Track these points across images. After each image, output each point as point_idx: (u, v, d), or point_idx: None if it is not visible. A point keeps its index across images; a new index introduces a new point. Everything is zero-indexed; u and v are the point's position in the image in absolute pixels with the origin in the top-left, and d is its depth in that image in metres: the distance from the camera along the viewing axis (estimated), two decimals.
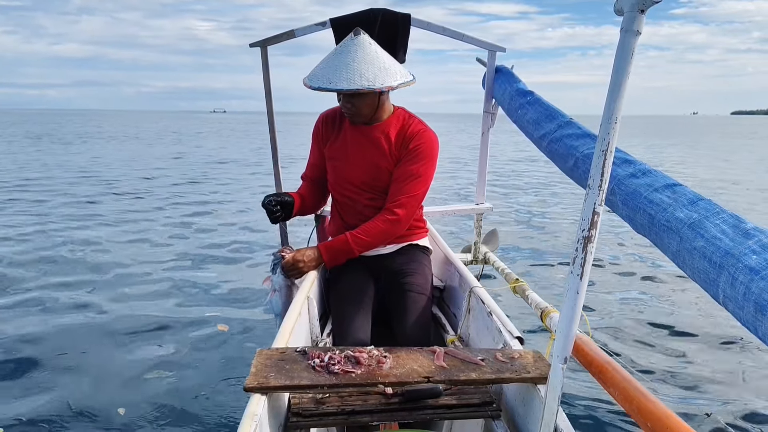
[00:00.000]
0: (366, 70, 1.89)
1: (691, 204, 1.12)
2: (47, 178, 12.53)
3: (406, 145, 2.08)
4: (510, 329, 1.67)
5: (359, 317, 2.02)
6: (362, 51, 1.93)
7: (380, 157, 2.10)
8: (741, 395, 3.21)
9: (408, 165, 2.07)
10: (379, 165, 2.10)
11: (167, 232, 7.33)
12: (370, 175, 2.12)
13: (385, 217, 2.08)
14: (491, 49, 2.63)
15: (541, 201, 10.46)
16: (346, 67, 1.89)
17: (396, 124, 2.11)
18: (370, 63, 1.91)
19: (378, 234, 2.08)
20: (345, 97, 1.99)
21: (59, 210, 8.74)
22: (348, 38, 1.98)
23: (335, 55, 1.95)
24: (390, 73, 1.93)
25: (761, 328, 0.86)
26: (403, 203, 2.07)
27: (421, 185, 2.10)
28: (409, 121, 2.13)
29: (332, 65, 1.92)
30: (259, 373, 1.35)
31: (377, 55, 1.95)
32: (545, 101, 2.06)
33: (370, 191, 2.15)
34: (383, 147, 2.09)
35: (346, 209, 2.23)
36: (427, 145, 2.09)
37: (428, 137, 2.11)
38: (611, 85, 0.94)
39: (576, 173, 1.62)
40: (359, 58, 1.91)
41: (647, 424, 1.07)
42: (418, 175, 2.08)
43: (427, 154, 2.09)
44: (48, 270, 5.49)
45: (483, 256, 3.02)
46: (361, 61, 1.91)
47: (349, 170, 2.15)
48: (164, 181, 12.56)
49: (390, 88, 1.94)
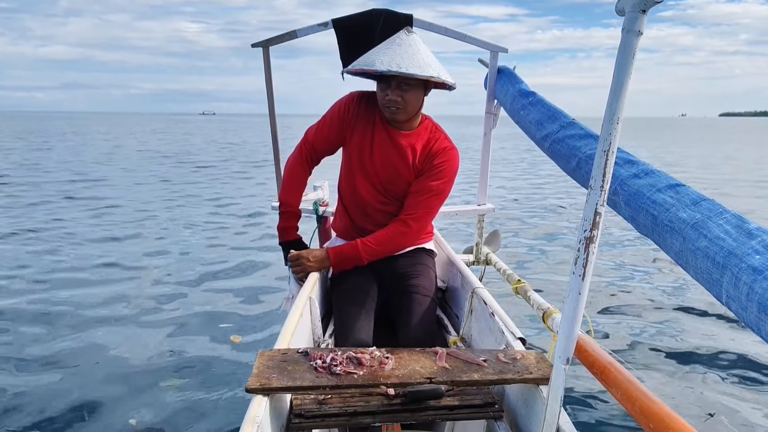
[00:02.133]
0: (431, 61, 1.92)
1: (694, 204, 1.12)
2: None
3: (431, 160, 2.08)
4: (512, 330, 1.67)
5: (361, 318, 2.02)
6: (423, 46, 1.97)
7: (403, 166, 2.09)
8: (744, 394, 3.20)
9: (430, 180, 2.08)
10: (399, 172, 2.10)
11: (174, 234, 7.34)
12: (389, 179, 2.11)
13: (398, 228, 2.08)
14: (493, 49, 2.62)
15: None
16: (411, 56, 1.89)
17: (424, 135, 2.11)
18: (428, 57, 1.94)
19: (388, 244, 2.09)
20: (396, 89, 1.93)
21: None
22: (403, 33, 2.00)
23: (393, 45, 1.94)
24: (443, 71, 1.95)
25: (764, 328, 0.86)
26: (419, 217, 2.09)
27: (438, 201, 2.12)
28: (435, 134, 2.13)
29: (397, 53, 1.90)
30: (261, 374, 1.35)
31: (429, 53, 1.98)
32: (548, 102, 2.06)
33: (384, 194, 2.14)
34: (408, 156, 2.09)
35: (355, 209, 2.21)
36: (451, 164, 2.10)
37: (453, 156, 2.11)
38: (613, 85, 0.93)
39: (578, 174, 1.62)
40: (421, 51, 1.94)
41: (650, 425, 1.06)
42: (438, 192, 2.09)
43: (449, 172, 2.10)
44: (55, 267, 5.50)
45: (485, 257, 3.02)
46: (425, 53, 1.94)
47: (370, 168, 2.12)
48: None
49: (452, 85, 1.97)
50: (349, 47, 2.53)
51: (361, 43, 2.51)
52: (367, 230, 2.15)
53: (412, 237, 2.13)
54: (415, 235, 2.13)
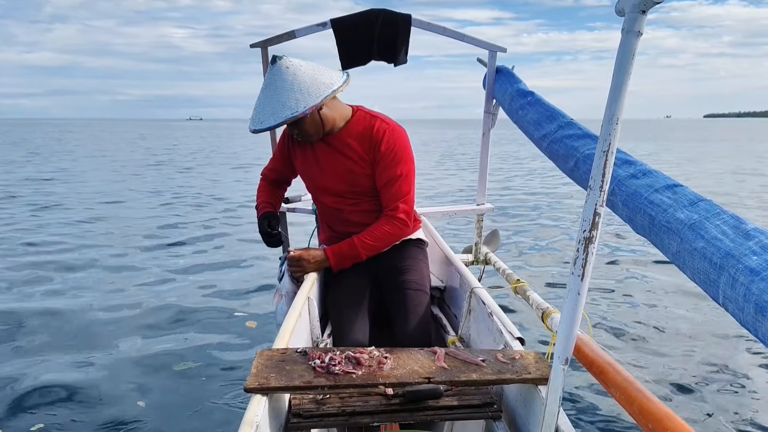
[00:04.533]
0: (287, 98, 1.85)
1: (691, 205, 1.12)
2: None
3: (377, 147, 2.04)
4: (511, 330, 1.67)
5: (357, 319, 2.02)
6: (280, 79, 1.88)
7: (352, 164, 2.08)
8: (742, 395, 3.21)
9: (388, 169, 2.06)
10: (353, 171, 2.09)
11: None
12: (347, 182, 2.11)
13: (390, 221, 2.08)
14: (492, 49, 2.62)
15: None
16: (270, 101, 1.88)
17: (359, 125, 2.08)
18: (289, 89, 1.86)
19: (384, 237, 2.10)
20: (291, 128, 1.98)
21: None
22: (268, 70, 1.94)
23: (261, 90, 1.94)
24: (311, 93, 1.86)
25: (761, 329, 0.86)
26: (400, 207, 2.08)
27: (407, 183, 2.10)
28: (371, 121, 2.08)
29: (260, 103, 1.91)
30: (260, 373, 1.35)
31: (295, 78, 1.88)
32: (546, 102, 2.06)
33: (351, 197, 2.14)
34: (352, 153, 2.07)
35: (331, 218, 2.24)
36: (398, 143, 2.07)
37: (396, 135, 2.07)
38: (612, 85, 0.93)
39: (577, 174, 1.62)
40: (279, 88, 1.87)
41: (648, 426, 1.06)
42: (403, 175, 2.07)
43: (400, 152, 2.07)
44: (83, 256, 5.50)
45: (484, 257, 3.02)
46: (281, 90, 1.87)
47: (326, 181, 2.14)
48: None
49: (315, 108, 1.87)
50: (348, 47, 2.53)
51: (360, 43, 2.51)
52: (349, 233, 2.14)
53: (407, 227, 2.14)
54: (405, 224, 2.13)
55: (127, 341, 3.81)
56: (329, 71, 1.98)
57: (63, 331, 4.01)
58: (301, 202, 2.91)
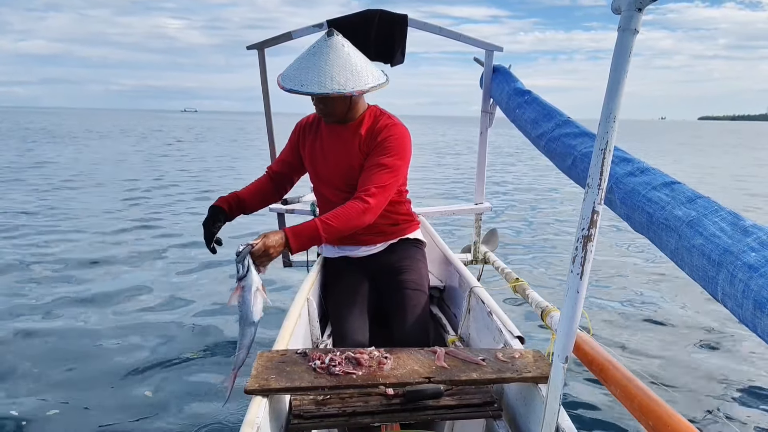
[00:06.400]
0: (338, 74, 1.86)
1: (689, 202, 1.12)
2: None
3: (375, 137, 2.05)
4: (510, 329, 1.67)
5: (357, 319, 2.02)
6: (335, 53, 1.88)
7: (353, 157, 2.07)
8: (742, 392, 3.21)
9: (377, 156, 2.03)
10: (352, 164, 2.08)
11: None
12: (345, 173, 2.10)
13: (355, 204, 1.96)
14: (488, 48, 2.63)
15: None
16: (318, 69, 1.86)
17: (368, 121, 2.09)
18: (342, 66, 1.87)
19: (347, 220, 1.93)
20: (317, 98, 1.97)
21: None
22: (321, 39, 1.94)
23: (308, 55, 1.91)
24: (362, 77, 1.89)
25: (760, 325, 0.86)
26: (373, 193, 1.97)
27: (390, 176, 2.02)
28: (379, 117, 2.10)
29: (304, 66, 1.89)
30: (260, 375, 1.35)
31: (350, 57, 1.90)
32: (543, 100, 2.06)
33: (348, 191, 2.11)
34: (355, 145, 2.06)
35: (326, 209, 2.22)
36: (396, 138, 2.05)
37: (397, 130, 2.07)
38: (609, 83, 0.93)
39: (574, 172, 1.62)
40: (331, 61, 1.87)
41: (649, 423, 1.07)
42: (388, 167, 2.01)
43: (396, 146, 2.04)
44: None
45: (483, 256, 3.02)
46: (334, 64, 1.87)
47: (327, 171, 2.14)
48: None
49: (361, 92, 1.90)
50: None
51: (357, 43, 2.51)
52: None
53: (371, 214, 1.99)
54: (375, 212, 1.99)
55: (127, 342, 3.82)
56: (375, 66, 2.02)
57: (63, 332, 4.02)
58: (300, 203, 2.91)
